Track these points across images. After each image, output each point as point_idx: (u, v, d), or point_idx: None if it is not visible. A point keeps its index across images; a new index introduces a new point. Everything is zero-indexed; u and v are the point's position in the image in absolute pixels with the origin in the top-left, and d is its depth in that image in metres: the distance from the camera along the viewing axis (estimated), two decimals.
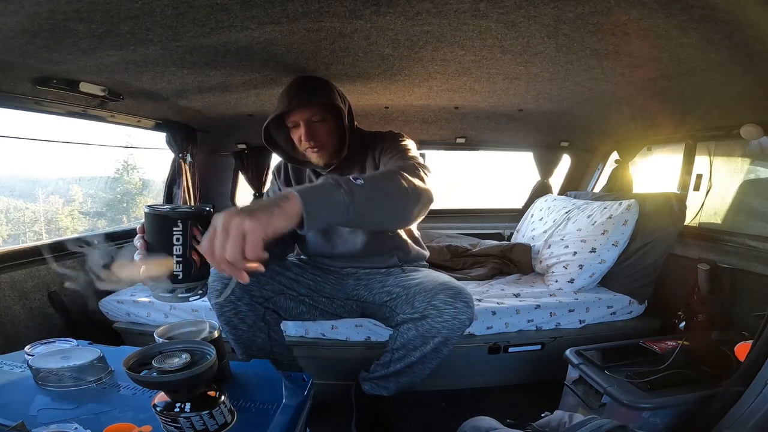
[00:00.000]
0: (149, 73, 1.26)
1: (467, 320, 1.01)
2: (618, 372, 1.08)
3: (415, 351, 1.06)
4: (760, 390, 0.79)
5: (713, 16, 0.86)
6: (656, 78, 1.31)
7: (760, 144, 1.55)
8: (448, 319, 1.00)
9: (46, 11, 0.82)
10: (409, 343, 1.06)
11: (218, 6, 0.85)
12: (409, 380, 1.13)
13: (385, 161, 1.11)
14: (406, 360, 1.08)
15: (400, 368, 1.10)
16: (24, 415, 0.67)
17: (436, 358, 1.07)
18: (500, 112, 1.99)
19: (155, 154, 2.07)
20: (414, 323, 1.04)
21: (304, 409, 0.76)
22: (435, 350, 1.04)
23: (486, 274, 1.92)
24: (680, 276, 1.58)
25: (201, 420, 0.61)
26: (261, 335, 1.13)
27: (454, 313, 1.00)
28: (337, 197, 0.69)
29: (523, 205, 2.61)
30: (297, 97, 1.09)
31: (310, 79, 1.18)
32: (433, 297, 1.01)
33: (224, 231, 0.59)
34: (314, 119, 1.11)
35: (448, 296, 1.01)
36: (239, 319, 1.09)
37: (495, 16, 0.92)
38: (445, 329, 1.00)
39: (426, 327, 1.02)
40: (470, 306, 1.02)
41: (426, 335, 1.02)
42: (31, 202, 3.50)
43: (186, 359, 0.63)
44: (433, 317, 1.00)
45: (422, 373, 1.11)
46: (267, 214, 0.62)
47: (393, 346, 1.10)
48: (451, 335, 1.02)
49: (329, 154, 1.16)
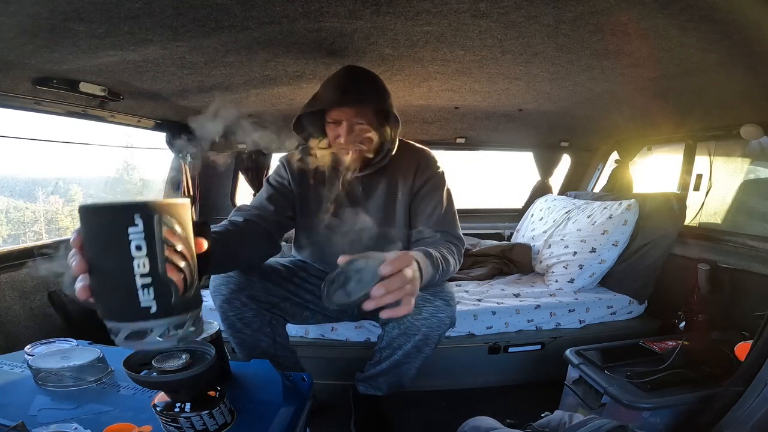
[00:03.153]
0: (149, 73, 1.26)
1: (447, 318, 1.01)
2: (618, 372, 1.08)
3: (399, 349, 1.06)
4: (760, 390, 0.79)
5: (713, 16, 0.86)
6: (656, 78, 1.31)
7: (760, 144, 1.55)
8: (427, 316, 1.00)
9: (46, 11, 0.82)
10: (393, 341, 1.06)
11: (218, 6, 0.85)
12: (397, 380, 1.14)
13: (428, 212, 1.09)
14: (391, 359, 1.08)
15: (386, 367, 1.11)
16: (24, 415, 0.67)
17: (419, 357, 1.07)
18: (500, 112, 1.99)
19: (155, 154, 2.07)
20: (397, 321, 1.04)
21: (304, 409, 0.76)
22: (416, 348, 1.04)
23: (486, 274, 1.92)
24: (680, 276, 1.58)
25: (201, 420, 0.61)
26: (265, 339, 1.11)
27: (433, 310, 1.00)
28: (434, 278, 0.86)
29: (523, 205, 2.61)
30: (348, 95, 0.99)
31: (364, 74, 1.06)
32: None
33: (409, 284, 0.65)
34: (360, 121, 1.03)
35: (428, 294, 1.01)
36: (243, 323, 1.07)
37: (495, 16, 0.92)
38: (424, 327, 1.00)
39: (407, 325, 1.02)
40: (450, 305, 1.02)
41: (407, 333, 1.03)
42: (31, 202, 3.51)
43: (186, 359, 0.62)
44: (413, 314, 1.00)
45: (408, 372, 1.11)
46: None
47: (380, 345, 1.11)
48: (430, 333, 1.01)
49: (363, 160, 1.09)
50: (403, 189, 1.13)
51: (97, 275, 0.44)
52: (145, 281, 0.43)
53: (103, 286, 0.45)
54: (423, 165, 1.14)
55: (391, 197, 1.13)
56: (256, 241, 0.99)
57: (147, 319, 0.44)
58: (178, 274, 0.45)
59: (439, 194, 1.12)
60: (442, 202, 1.12)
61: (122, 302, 0.43)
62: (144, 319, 0.44)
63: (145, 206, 0.42)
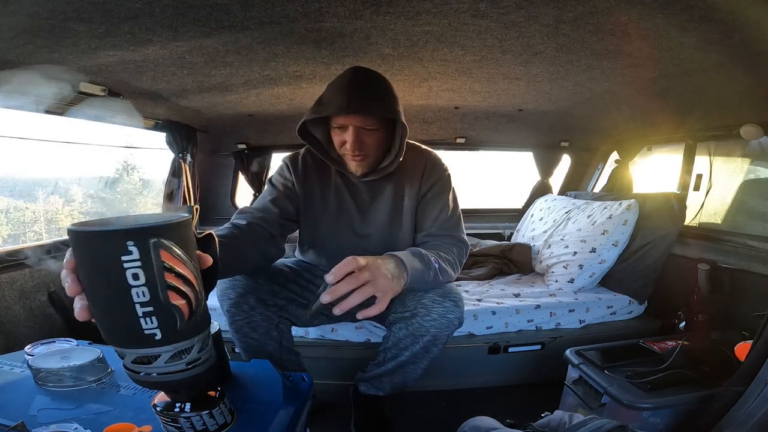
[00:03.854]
0: (149, 73, 1.26)
1: (455, 319, 1.01)
2: (618, 372, 1.08)
3: (406, 350, 1.05)
4: (760, 390, 0.79)
5: (713, 16, 0.86)
6: (656, 78, 1.31)
7: (760, 144, 1.55)
8: (436, 317, 0.99)
9: (46, 11, 0.82)
10: (400, 342, 1.06)
11: (218, 6, 0.86)
12: (402, 380, 1.13)
13: (434, 215, 1.10)
14: (397, 359, 1.08)
15: (392, 367, 1.10)
16: (24, 415, 0.67)
17: (426, 358, 1.07)
18: (500, 112, 1.99)
19: (155, 154, 2.07)
20: (405, 322, 1.03)
21: (304, 409, 0.76)
22: (425, 349, 1.04)
23: (486, 274, 1.92)
24: (680, 276, 1.58)
25: (201, 420, 0.61)
26: (272, 343, 1.09)
27: (442, 311, 0.99)
28: (426, 276, 0.91)
29: (523, 205, 2.61)
30: (356, 102, 0.94)
31: (371, 77, 1.00)
32: (422, 296, 1.01)
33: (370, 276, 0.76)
34: (367, 127, 0.99)
35: (437, 295, 1.01)
36: (251, 327, 1.05)
37: (495, 16, 0.92)
38: (433, 328, 1.00)
39: (415, 326, 1.01)
40: (459, 305, 1.02)
41: (416, 334, 1.02)
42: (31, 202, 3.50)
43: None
44: (421, 315, 1.00)
45: (414, 372, 1.10)
46: (397, 284, 0.81)
47: (385, 346, 1.11)
48: (439, 334, 1.01)
49: (369, 165, 1.06)
50: (410, 194, 1.12)
51: (95, 301, 0.41)
52: (147, 310, 0.40)
53: (103, 313, 0.42)
54: (430, 168, 1.13)
55: (398, 202, 1.12)
56: (260, 245, 0.99)
57: (152, 345, 0.42)
58: (182, 299, 0.42)
59: (445, 197, 1.12)
60: (448, 205, 1.12)
61: (124, 329, 0.41)
62: (149, 345, 0.41)
63: (139, 232, 0.38)
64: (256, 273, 1.07)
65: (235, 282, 1.04)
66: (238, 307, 1.03)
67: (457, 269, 1.05)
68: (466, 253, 1.10)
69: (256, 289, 1.04)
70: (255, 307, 1.04)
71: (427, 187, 1.12)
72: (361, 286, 0.74)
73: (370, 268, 0.77)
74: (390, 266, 0.82)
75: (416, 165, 1.12)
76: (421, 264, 0.90)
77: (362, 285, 0.74)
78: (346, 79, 0.97)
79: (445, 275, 0.98)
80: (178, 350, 0.44)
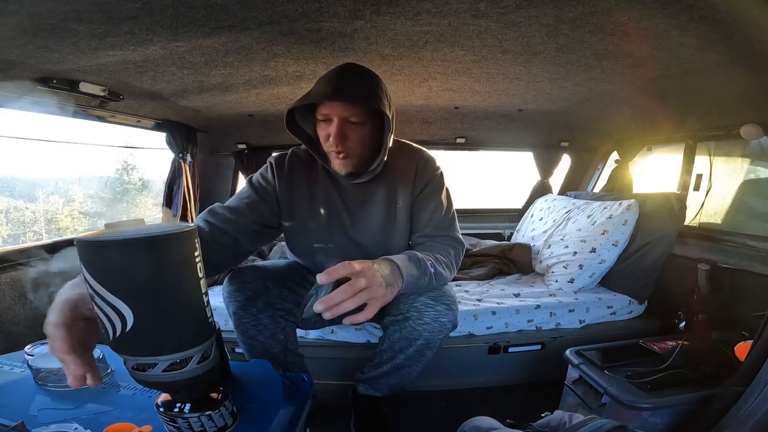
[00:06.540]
0: (149, 73, 1.26)
1: (448, 323, 0.99)
2: (618, 372, 1.08)
3: (401, 353, 1.05)
4: (760, 390, 0.79)
5: (713, 16, 0.86)
6: (656, 78, 1.31)
7: (760, 144, 1.55)
8: (428, 321, 0.98)
9: (46, 11, 0.82)
10: (394, 344, 1.05)
11: (218, 6, 0.86)
12: (398, 382, 1.13)
13: (428, 215, 1.06)
14: (393, 362, 1.07)
15: (388, 370, 1.10)
16: (24, 415, 0.67)
17: (421, 361, 1.06)
18: (500, 112, 1.99)
19: (155, 154, 2.07)
20: (399, 325, 1.03)
21: (304, 410, 0.76)
22: (418, 353, 1.03)
23: (486, 274, 1.92)
24: (680, 276, 1.58)
25: (199, 422, 0.61)
26: (277, 346, 1.08)
27: (435, 315, 0.98)
28: (421, 282, 0.90)
29: (523, 205, 2.62)
30: (341, 90, 0.90)
31: (360, 71, 0.97)
32: (415, 299, 1.00)
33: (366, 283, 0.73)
34: (352, 120, 0.94)
35: (429, 298, 0.99)
36: (257, 330, 1.04)
37: (495, 16, 0.92)
38: (426, 332, 0.99)
39: (408, 329, 1.00)
40: (452, 309, 1.00)
41: (409, 337, 1.01)
42: (31, 202, 3.51)
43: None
44: (414, 319, 0.99)
45: (410, 375, 1.10)
46: (390, 292, 0.79)
47: (381, 348, 1.10)
48: (432, 338, 1.00)
49: (354, 165, 1.00)
50: (404, 195, 1.08)
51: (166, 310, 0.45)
52: (207, 299, 0.47)
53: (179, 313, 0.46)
54: (422, 167, 1.09)
55: (391, 204, 1.09)
56: (217, 253, 0.93)
57: (156, 354, 0.46)
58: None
59: (439, 197, 1.09)
60: (442, 205, 1.09)
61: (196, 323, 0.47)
62: (207, 338, 0.47)
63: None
64: (265, 276, 1.05)
65: (243, 285, 1.02)
66: (246, 310, 1.01)
67: (454, 270, 1.04)
68: (462, 252, 1.09)
69: (265, 292, 1.03)
70: (263, 310, 1.02)
71: (420, 186, 1.08)
72: (356, 294, 0.73)
73: (366, 274, 0.75)
74: (385, 273, 0.80)
75: (408, 165, 1.08)
76: (418, 270, 0.88)
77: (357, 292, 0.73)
78: (334, 71, 0.95)
79: (441, 279, 0.96)
80: (175, 360, 0.48)
